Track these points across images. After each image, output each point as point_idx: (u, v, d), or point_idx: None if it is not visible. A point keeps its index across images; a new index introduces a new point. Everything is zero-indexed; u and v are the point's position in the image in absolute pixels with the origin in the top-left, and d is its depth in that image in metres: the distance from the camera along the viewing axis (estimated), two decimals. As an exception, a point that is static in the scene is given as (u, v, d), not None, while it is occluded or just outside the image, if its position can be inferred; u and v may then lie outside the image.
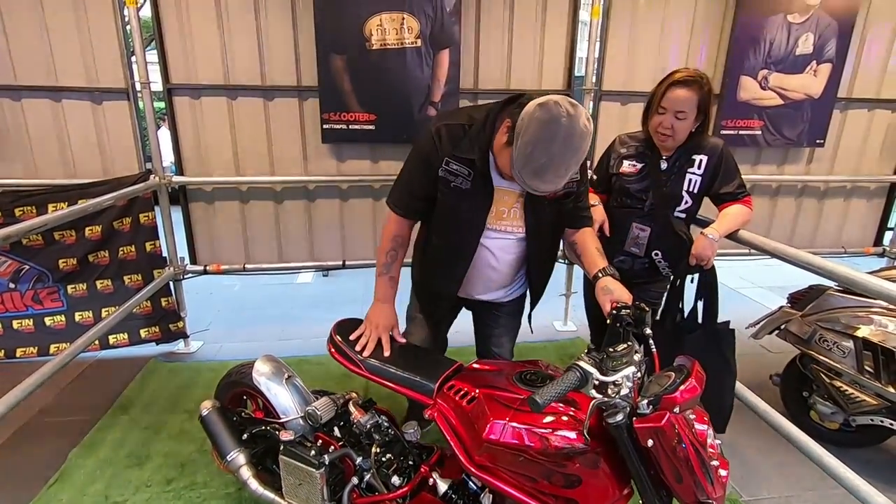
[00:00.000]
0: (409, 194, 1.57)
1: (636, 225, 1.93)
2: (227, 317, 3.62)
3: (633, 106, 3.19)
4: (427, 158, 1.48)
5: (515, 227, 1.54)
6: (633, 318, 1.27)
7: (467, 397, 1.30)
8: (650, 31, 3.05)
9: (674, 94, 1.76)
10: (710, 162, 1.83)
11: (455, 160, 1.44)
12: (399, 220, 1.60)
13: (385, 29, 2.72)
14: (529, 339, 3.33)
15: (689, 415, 1.14)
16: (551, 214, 1.54)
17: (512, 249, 1.59)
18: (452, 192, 1.48)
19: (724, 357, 1.90)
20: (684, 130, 1.80)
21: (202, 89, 2.79)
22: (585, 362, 1.07)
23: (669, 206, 1.88)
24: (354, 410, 1.56)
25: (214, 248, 3.05)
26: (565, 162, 1.24)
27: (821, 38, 3.09)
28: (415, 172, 1.53)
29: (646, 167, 1.91)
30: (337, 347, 1.59)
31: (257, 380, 1.66)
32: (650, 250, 1.90)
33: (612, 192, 2.02)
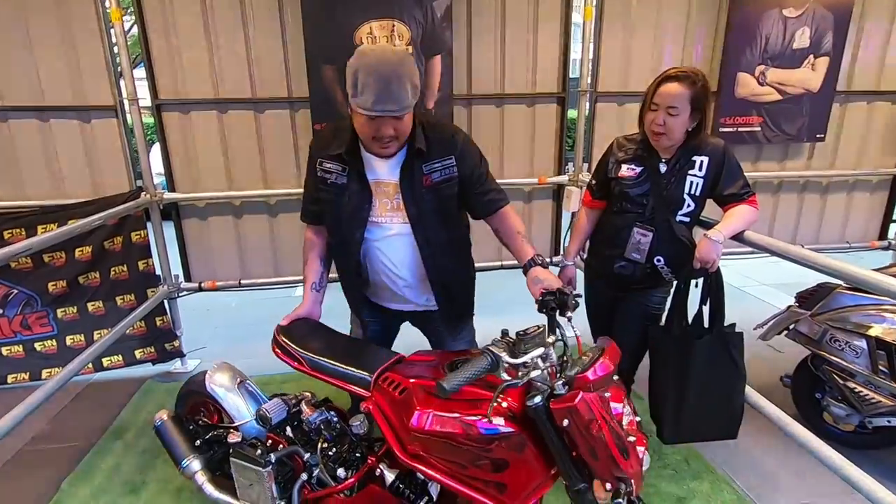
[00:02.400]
0: (307, 201, 1.69)
1: (637, 230, 1.87)
2: (225, 334, 3.56)
3: (629, 106, 3.15)
4: (310, 163, 1.60)
5: (397, 218, 1.54)
6: (557, 303, 1.32)
7: (399, 388, 1.33)
8: (644, 30, 3.02)
9: (665, 88, 1.72)
10: (711, 163, 1.77)
11: (327, 159, 1.53)
12: (307, 227, 1.74)
13: (375, 37, 2.68)
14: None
15: (605, 393, 1.18)
16: (432, 202, 1.53)
17: (401, 246, 1.59)
18: (331, 188, 1.55)
19: (733, 360, 1.84)
20: (678, 128, 1.74)
21: (191, 104, 2.75)
22: (497, 347, 1.12)
23: (671, 210, 1.82)
24: (306, 409, 1.56)
25: (209, 264, 3.00)
26: (391, 74, 1.30)
27: (817, 31, 3.06)
28: (307, 181, 1.65)
29: (645, 171, 1.86)
30: (281, 347, 1.62)
31: (210, 387, 1.71)
32: (652, 256, 1.85)
33: (612, 197, 1.97)
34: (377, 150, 1.47)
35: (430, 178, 1.51)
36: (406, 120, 1.40)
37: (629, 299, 1.98)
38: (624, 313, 2.01)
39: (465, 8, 2.82)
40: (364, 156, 1.52)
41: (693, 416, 1.87)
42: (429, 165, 1.51)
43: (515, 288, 3.71)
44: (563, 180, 3.16)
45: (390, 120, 1.36)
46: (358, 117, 1.38)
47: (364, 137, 1.44)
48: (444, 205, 1.56)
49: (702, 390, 1.84)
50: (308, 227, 1.74)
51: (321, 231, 1.71)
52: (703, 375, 1.83)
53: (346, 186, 1.52)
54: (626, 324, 2.00)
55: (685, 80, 1.70)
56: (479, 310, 1.95)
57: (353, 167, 1.51)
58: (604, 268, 2.00)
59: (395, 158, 1.51)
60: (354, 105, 1.35)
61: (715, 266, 1.75)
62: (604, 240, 2.00)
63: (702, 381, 1.83)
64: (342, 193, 1.53)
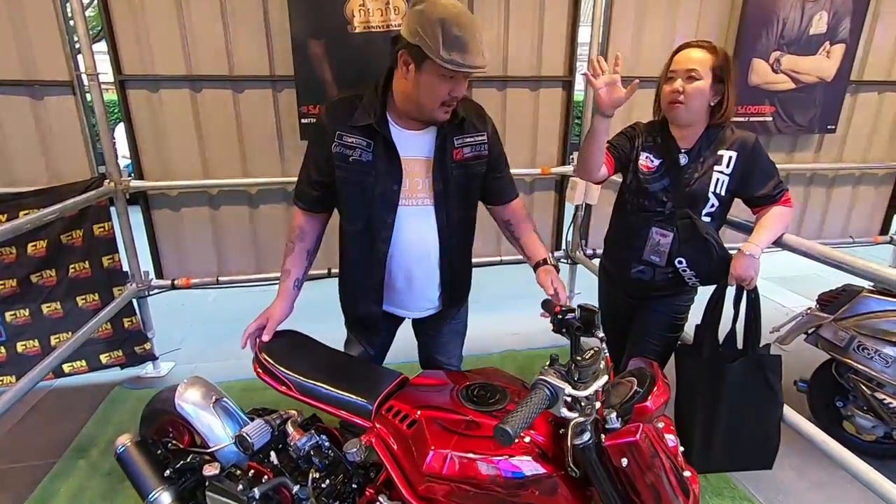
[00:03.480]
0: (306, 183, 1.45)
1: (656, 230, 1.69)
2: (202, 332, 3.30)
3: (639, 92, 2.93)
4: (320, 139, 1.37)
5: (426, 197, 1.40)
6: (582, 321, 1.16)
7: (407, 420, 1.17)
8: (656, 11, 2.81)
9: (684, 54, 1.56)
10: (739, 160, 1.59)
11: (350, 132, 1.33)
12: (300, 213, 1.49)
13: (368, 10, 2.42)
14: (532, 345, 3.17)
15: (658, 423, 1.07)
16: (459, 178, 1.41)
17: (427, 229, 1.43)
18: (353, 166, 1.35)
19: (770, 386, 1.69)
20: (698, 97, 1.54)
21: (161, 81, 2.45)
22: (552, 376, 0.95)
23: (693, 207, 1.64)
24: (293, 431, 1.39)
25: (183, 259, 2.73)
26: (473, 25, 1.21)
27: (835, 16, 2.90)
28: (310, 159, 1.44)
29: (663, 163, 1.67)
30: (264, 368, 1.41)
31: (181, 406, 1.49)
32: (673, 259, 1.67)
33: (628, 192, 1.77)
34: (440, 116, 1.32)
35: (462, 152, 1.40)
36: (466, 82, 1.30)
37: (649, 307, 1.81)
38: (643, 323, 1.84)
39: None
40: (393, 130, 1.36)
41: (725, 445, 1.71)
42: (461, 139, 1.40)
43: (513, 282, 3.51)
44: (567, 170, 2.97)
45: (463, 79, 1.26)
46: (431, 77, 1.23)
47: (432, 101, 1.27)
48: (471, 183, 1.46)
49: (735, 418, 1.68)
50: (299, 214, 1.49)
51: (316, 220, 1.51)
52: (737, 402, 1.67)
53: (373, 164, 1.34)
54: (645, 335, 1.83)
55: (705, 47, 1.54)
56: (475, 306, 1.81)
57: (382, 142, 1.34)
58: (620, 272, 1.82)
59: (425, 133, 1.38)
60: (444, 62, 1.18)
61: (752, 284, 1.58)
62: (619, 241, 1.82)
63: (735, 407, 1.68)
64: (368, 172, 1.35)
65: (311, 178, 1.43)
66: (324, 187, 1.42)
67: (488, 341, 3.16)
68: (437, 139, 1.37)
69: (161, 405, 1.61)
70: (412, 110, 1.33)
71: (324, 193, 1.44)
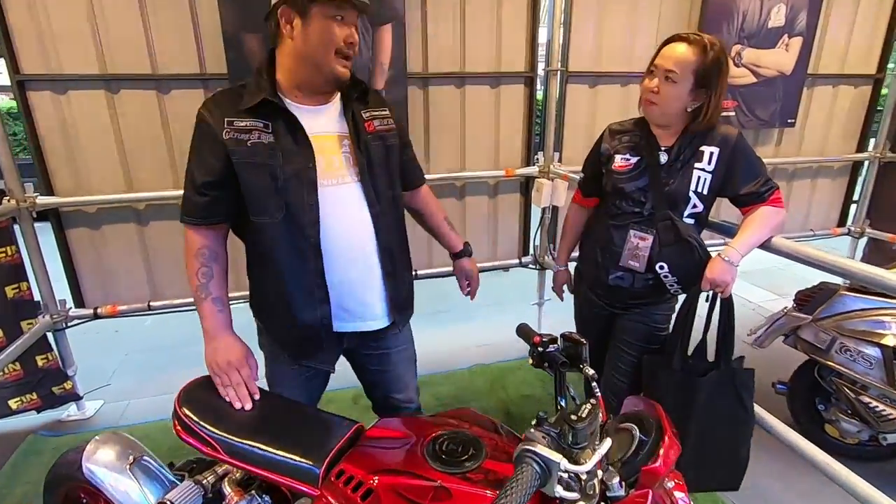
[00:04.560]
0: (192, 192, 1.23)
1: (634, 233, 1.55)
2: (137, 362, 2.95)
3: (602, 88, 2.84)
4: (204, 134, 1.20)
5: (347, 174, 1.27)
6: (566, 354, 1.02)
7: (362, 489, 0.96)
8: (617, 4, 2.69)
9: (668, 49, 1.43)
10: (722, 155, 1.46)
11: (241, 117, 1.19)
12: (196, 230, 1.25)
13: None
14: (503, 357, 3.00)
15: (667, 482, 0.92)
16: (379, 150, 1.32)
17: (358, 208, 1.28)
18: (253, 150, 1.19)
19: (742, 403, 1.57)
20: (673, 100, 1.42)
21: (69, 81, 2.12)
22: (541, 445, 0.74)
23: (673, 208, 1.51)
24: (230, 492, 1.18)
25: (107, 284, 2.40)
26: None
27: (792, 9, 2.87)
28: (193, 164, 1.23)
29: (641, 161, 1.53)
30: (183, 424, 1.15)
31: (90, 470, 1.24)
32: (653, 264, 1.53)
33: (605, 195, 1.64)
34: (339, 69, 1.20)
35: (373, 124, 1.32)
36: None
37: (627, 317, 1.67)
38: (621, 334, 1.69)
39: (419, -33, 2.37)
40: (291, 107, 1.23)
41: (693, 463, 1.56)
42: (368, 112, 1.32)
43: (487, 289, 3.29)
44: (532, 171, 2.82)
45: (353, 26, 1.20)
46: (323, 21, 1.15)
47: (326, 51, 1.18)
48: (390, 157, 1.35)
49: (703, 435, 1.55)
50: (194, 233, 1.25)
51: (217, 235, 1.27)
52: (706, 418, 1.54)
53: (277, 145, 1.20)
54: (623, 347, 1.69)
55: (695, 45, 1.39)
56: (441, 318, 1.64)
57: (282, 120, 1.21)
58: (596, 279, 1.67)
59: (328, 107, 1.29)
60: None
61: (728, 291, 1.45)
62: (595, 245, 1.67)
63: (703, 424, 1.54)
64: (273, 154, 1.19)
65: (197, 182, 1.21)
66: (214, 188, 1.21)
67: (455, 356, 2.96)
68: (345, 112, 1.29)
69: (66, 469, 1.33)
70: (307, 75, 1.22)
71: (214, 197, 1.21)
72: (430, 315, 3.49)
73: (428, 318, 3.44)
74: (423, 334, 1.58)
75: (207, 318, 1.26)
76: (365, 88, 1.33)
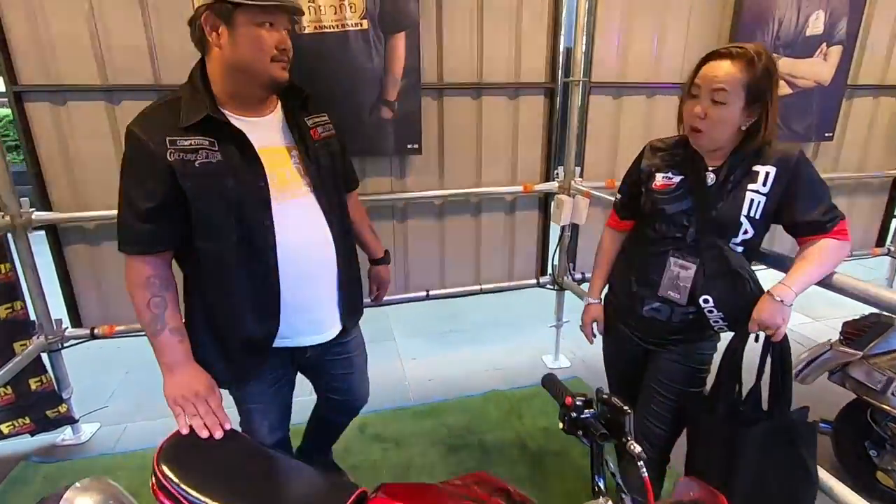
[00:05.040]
0: (133, 220, 1.14)
1: (676, 261, 1.39)
2: (138, 380, 2.85)
3: (626, 99, 2.68)
4: (141, 157, 1.11)
5: (299, 187, 1.25)
6: (606, 423, 0.87)
7: None
8: (643, 11, 2.54)
9: (710, 68, 1.25)
10: (780, 176, 1.29)
11: (183, 135, 1.11)
12: (140, 260, 1.17)
13: (320, 6, 2.06)
14: (519, 383, 2.82)
15: None
16: (325, 159, 1.32)
17: (314, 220, 1.28)
18: (202, 171, 1.12)
19: (801, 461, 1.37)
20: (725, 124, 1.26)
21: (68, 92, 2.03)
22: None
23: (721, 235, 1.34)
24: None
25: (105, 303, 2.29)
26: None
27: (832, 15, 2.69)
28: (131, 191, 1.13)
29: (685, 181, 1.38)
30: (161, 485, 1.02)
31: None
32: (697, 296, 1.36)
33: (642, 216, 1.48)
34: (277, 74, 1.16)
35: (317, 131, 1.32)
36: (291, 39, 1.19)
37: (664, 354, 1.50)
38: (656, 373, 1.52)
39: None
40: (233, 121, 1.17)
41: None
42: (311, 119, 1.32)
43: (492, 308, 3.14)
44: (552, 187, 2.66)
45: (285, 28, 1.15)
46: (251, 29, 1.10)
47: (260, 56, 1.12)
48: (335, 164, 1.36)
49: (754, 492, 1.35)
50: (141, 262, 1.17)
51: (164, 263, 1.20)
52: (758, 474, 1.35)
53: (226, 164, 1.14)
54: (659, 388, 1.51)
55: (740, 59, 1.22)
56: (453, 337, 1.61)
57: (228, 136, 1.14)
58: (630, 309, 1.51)
59: (271, 117, 1.26)
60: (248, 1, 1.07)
61: (780, 335, 1.28)
62: (629, 272, 1.51)
63: (755, 480, 1.35)
64: (223, 173, 1.13)
65: (139, 209, 1.11)
66: (159, 215, 1.12)
67: (468, 380, 2.81)
68: (288, 121, 1.27)
69: None
70: (241, 84, 1.16)
71: (159, 224, 1.14)
72: (440, 335, 3.34)
73: (438, 339, 3.29)
74: (434, 357, 1.51)
75: (166, 351, 1.19)
76: (306, 94, 1.31)
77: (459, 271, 2.74)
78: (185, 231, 1.16)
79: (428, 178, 2.51)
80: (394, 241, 2.58)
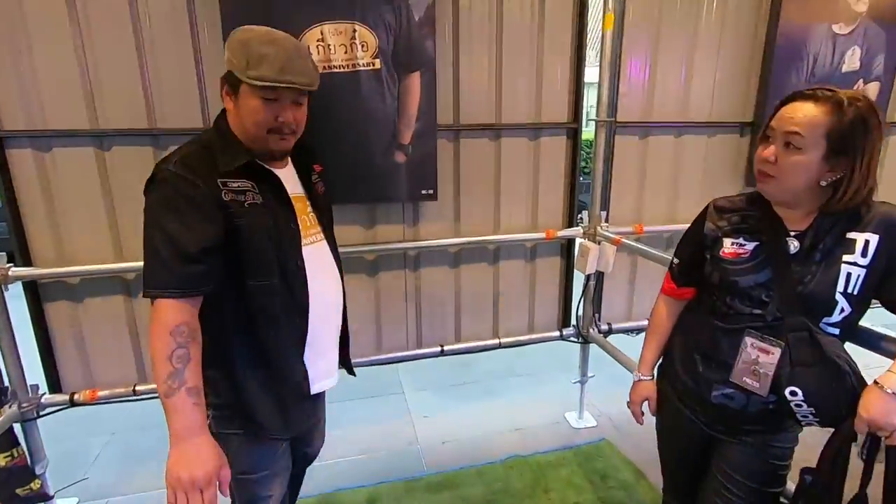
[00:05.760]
0: (182, 261, 1.05)
1: (753, 342, 1.17)
2: (124, 444, 2.60)
3: (653, 140, 2.52)
4: (192, 198, 1.07)
5: (317, 233, 1.34)
6: None
7: None
8: (670, 48, 2.41)
9: (789, 109, 1.07)
10: (884, 245, 1.08)
11: (232, 177, 1.14)
12: (174, 304, 1.05)
13: (330, 45, 1.92)
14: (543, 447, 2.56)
15: None
16: (328, 211, 1.42)
17: (329, 266, 1.36)
18: (252, 211, 1.15)
19: None
20: (797, 172, 1.07)
21: (53, 137, 1.87)
22: None
23: (811, 314, 1.13)
24: None
25: (87, 365, 2.08)
26: (291, 43, 1.16)
27: (868, 51, 2.55)
28: (179, 230, 1.06)
29: (761, 248, 1.17)
30: None
31: None
32: (781, 386, 1.14)
33: (707, 286, 1.28)
34: (273, 145, 1.20)
35: (319, 185, 1.39)
36: (304, 109, 1.23)
37: (735, 445, 1.27)
38: (725, 465, 1.29)
39: (451, 9, 2.11)
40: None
41: None
42: (316, 175, 1.39)
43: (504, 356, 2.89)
44: (575, 233, 2.47)
45: (290, 105, 1.17)
46: (252, 100, 1.13)
47: (257, 128, 1.16)
48: (331, 213, 1.44)
49: None
50: (171, 305, 1.05)
51: (195, 308, 1.10)
52: None
53: (268, 206, 1.19)
54: (729, 484, 1.28)
55: (825, 102, 1.03)
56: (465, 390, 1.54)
57: (266, 180, 1.21)
58: (693, 393, 1.29)
59: (288, 170, 1.31)
60: (250, 79, 1.10)
61: (895, 436, 1.06)
62: (693, 348, 1.30)
63: None
64: (268, 214, 1.18)
65: (187, 251, 1.05)
66: (211, 254, 1.08)
67: (486, 443, 2.56)
68: (300, 175, 1.33)
69: None
70: (252, 144, 1.19)
71: (211, 264, 1.09)
72: (453, 388, 3.10)
73: (451, 392, 3.06)
74: (447, 413, 1.35)
75: (180, 414, 1.03)
76: (309, 147, 1.37)
77: (476, 323, 2.52)
78: (230, 271, 1.14)
79: (443, 225, 2.32)
80: (406, 291, 2.38)
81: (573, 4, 2.24)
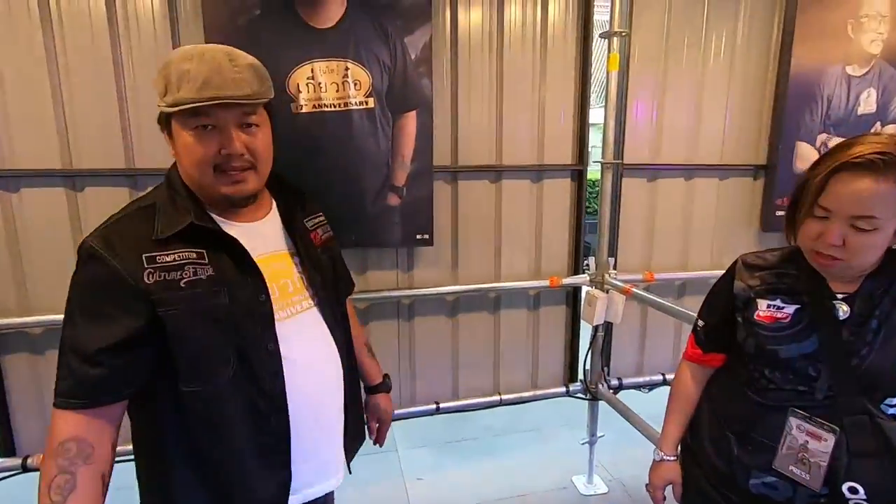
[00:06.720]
0: (80, 363, 0.85)
1: (801, 424, 0.99)
2: None
3: (662, 182, 2.39)
4: (105, 283, 0.86)
5: (304, 299, 1.06)
6: None
7: None
8: (678, 88, 2.31)
9: (848, 186, 0.89)
10: None
11: (163, 250, 0.89)
12: (67, 416, 0.86)
13: (320, 84, 1.82)
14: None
15: None
16: (328, 265, 1.14)
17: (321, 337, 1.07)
18: (191, 292, 0.89)
19: None
20: (874, 249, 0.92)
21: (22, 177, 1.75)
22: None
23: (870, 394, 0.95)
24: None
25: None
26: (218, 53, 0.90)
27: (884, 93, 2.45)
28: (83, 325, 0.86)
29: (803, 312, 1.01)
30: None
31: None
32: (838, 481, 0.95)
33: (742, 354, 1.10)
34: (225, 189, 0.94)
35: (318, 234, 1.17)
36: (261, 134, 0.97)
37: None
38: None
39: (449, 47, 2.03)
40: (223, 227, 0.97)
41: None
42: (309, 220, 1.16)
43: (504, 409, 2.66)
44: (581, 280, 2.31)
45: (236, 130, 0.92)
46: (183, 135, 0.90)
47: (200, 168, 0.92)
48: (336, 269, 1.20)
49: None
50: (71, 419, 0.85)
51: (104, 421, 0.88)
52: None
53: (219, 279, 0.92)
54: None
55: (889, 172, 0.86)
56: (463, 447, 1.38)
57: (219, 244, 0.94)
58: (727, 478, 1.10)
59: (266, 221, 1.06)
60: (168, 107, 0.88)
61: None
62: (724, 425, 1.12)
63: None
64: (216, 291, 0.91)
65: (87, 350, 0.84)
66: (118, 355, 0.86)
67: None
68: (285, 226, 1.08)
69: None
70: (203, 194, 0.96)
71: (116, 368, 0.86)
72: (450, 445, 2.87)
73: (448, 450, 2.82)
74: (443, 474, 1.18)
75: None
76: (300, 191, 1.18)
77: (475, 378, 2.33)
78: (151, 374, 0.91)
79: (439, 272, 2.17)
80: (398, 343, 2.20)
81: (576, 42, 2.16)
